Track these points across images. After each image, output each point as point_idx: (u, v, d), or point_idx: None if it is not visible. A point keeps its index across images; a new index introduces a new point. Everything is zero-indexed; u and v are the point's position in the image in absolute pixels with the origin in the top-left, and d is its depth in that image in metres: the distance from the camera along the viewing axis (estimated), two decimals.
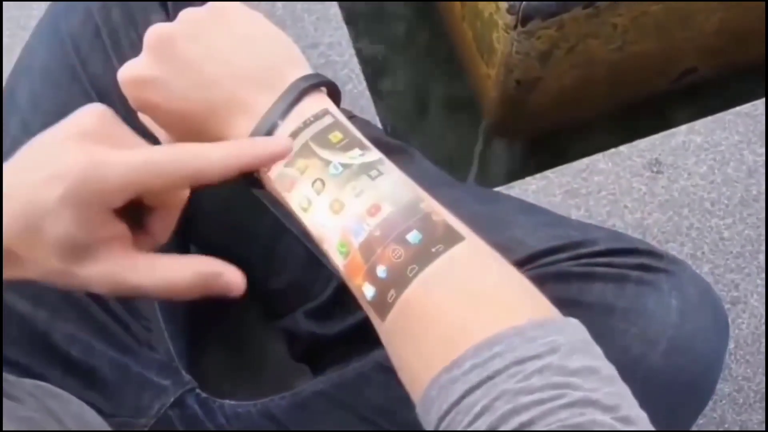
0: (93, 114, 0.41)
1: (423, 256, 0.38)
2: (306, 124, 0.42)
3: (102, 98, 0.61)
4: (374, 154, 0.42)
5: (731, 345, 0.74)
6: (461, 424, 0.36)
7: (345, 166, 0.41)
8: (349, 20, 0.90)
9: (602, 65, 0.98)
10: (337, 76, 0.83)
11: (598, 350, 0.38)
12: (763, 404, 0.71)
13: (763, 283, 0.75)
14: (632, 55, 0.97)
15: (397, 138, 0.67)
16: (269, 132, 0.42)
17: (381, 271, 0.39)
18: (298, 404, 0.59)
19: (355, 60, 0.83)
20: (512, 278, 0.39)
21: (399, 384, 0.40)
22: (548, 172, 0.78)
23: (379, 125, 0.81)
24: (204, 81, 0.43)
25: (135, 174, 0.39)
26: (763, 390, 0.72)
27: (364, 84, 0.82)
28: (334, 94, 0.45)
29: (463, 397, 0.35)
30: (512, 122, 1.05)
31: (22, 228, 0.39)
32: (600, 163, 0.79)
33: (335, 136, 0.42)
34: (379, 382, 0.56)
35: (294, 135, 0.42)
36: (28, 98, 0.62)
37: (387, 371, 0.55)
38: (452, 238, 0.38)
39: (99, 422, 0.52)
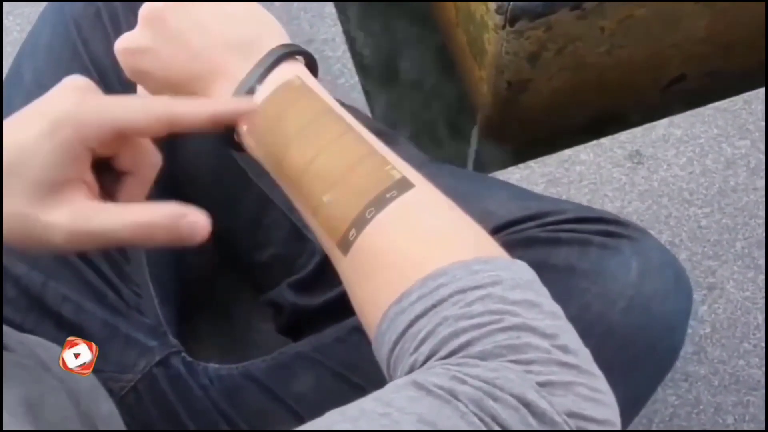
0: (80, 77, 0.45)
1: (379, 200, 0.41)
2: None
3: (101, 76, 0.65)
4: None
5: (707, 329, 0.75)
6: (408, 352, 0.38)
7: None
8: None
9: (591, 69, 1.01)
10: (330, 71, 0.86)
11: (544, 290, 0.40)
12: (738, 386, 0.73)
13: (740, 269, 0.77)
14: (620, 60, 1.00)
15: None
16: (247, 95, 0.45)
17: None
18: (277, 365, 0.61)
19: (348, 55, 0.86)
20: (461, 221, 0.42)
21: (370, 343, 0.43)
22: (531, 162, 0.81)
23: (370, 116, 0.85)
24: (189, 50, 0.46)
25: (112, 109, 0.42)
26: (738, 373, 0.73)
27: (356, 78, 0.86)
28: (312, 65, 0.48)
29: (409, 326, 0.38)
30: (504, 124, 1.08)
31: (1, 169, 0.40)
32: (582, 153, 0.82)
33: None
34: (353, 343, 0.59)
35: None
36: (33, 75, 0.66)
37: (360, 332, 0.58)
38: (404, 185, 0.41)
39: None
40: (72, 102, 0.42)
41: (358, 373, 0.57)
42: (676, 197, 0.80)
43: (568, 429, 0.34)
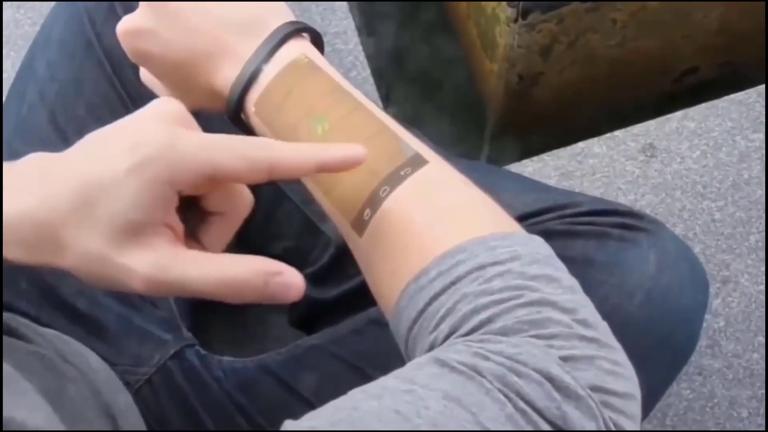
0: (173, 102, 0.41)
1: (393, 178, 0.41)
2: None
3: (115, 69, 0.65)
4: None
5: (721, 323, 0.75)
6: (427, 330, 0.38)
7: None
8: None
9: (603, 61, 1.00)
10: (342, 63, 0.86)
11: (561, 265, 0.39)
12: (752, 380, 0.72)
13: (754, 263, 0.76)
14: (633, 52, 1.00)
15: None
16: (253, 76, 0.44)
17: None
18: (292, 358, 0.61)
19: (360, 48, 0.86)
20: (477, 197, 0.41)
21: (388, 335, 0.42)
22: (544, 155, 0.81)
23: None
24: (191, 30, 0.45)
25: (210, 151, 0.37)
26: (752, 366, 0.73)
27: (368, 70, 0.85)
28: (318, 42, 0.47)
29: (429, 303, 0.38)
30: (516, 117, 1.07)
31: (78, 202, 0.37)
32: (595, 146, 0.81)
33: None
34: (369, 335, 0.59)
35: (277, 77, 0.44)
36: (46, 68, 0.66)
37: (378, 324, 0.58)
38: (418, 162, 0.41)
39: (102, 366, 0.55)
40: (166, 137, 0.37)
41: (375, 365, 0.56)
42: (689, 190, 0.79)
43: (592, 403, 0.33)
